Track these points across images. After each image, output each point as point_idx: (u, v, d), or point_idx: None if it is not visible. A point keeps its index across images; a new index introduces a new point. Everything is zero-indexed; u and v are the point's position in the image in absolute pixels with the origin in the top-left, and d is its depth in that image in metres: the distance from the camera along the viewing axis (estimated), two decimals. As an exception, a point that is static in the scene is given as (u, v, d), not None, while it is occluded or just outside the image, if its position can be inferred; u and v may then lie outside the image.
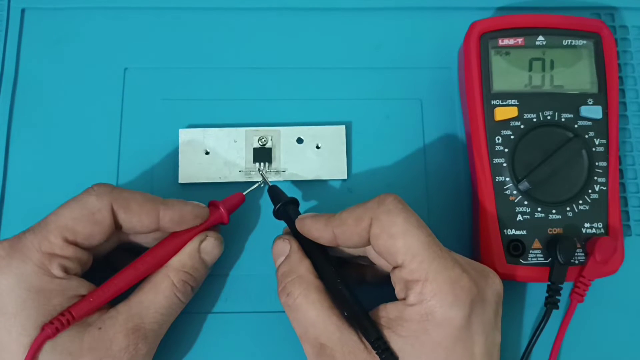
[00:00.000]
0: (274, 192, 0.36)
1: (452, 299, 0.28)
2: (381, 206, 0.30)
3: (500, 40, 0.37)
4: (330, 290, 0.32)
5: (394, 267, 0.31)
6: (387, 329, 0.30)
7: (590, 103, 0.36)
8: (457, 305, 0.28)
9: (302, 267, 0.33)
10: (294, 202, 0.35)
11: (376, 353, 0.29)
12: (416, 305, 0.29)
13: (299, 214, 0.35)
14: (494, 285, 0.31)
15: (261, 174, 0.37)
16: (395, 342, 0.29)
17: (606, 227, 0.35)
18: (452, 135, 0.40)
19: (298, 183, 0.38)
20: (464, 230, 0.38)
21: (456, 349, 0.29)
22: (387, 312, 0.30)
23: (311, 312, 0.31)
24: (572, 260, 0.34)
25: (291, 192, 0.38)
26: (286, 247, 0.34)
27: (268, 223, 0.38)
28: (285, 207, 0.35)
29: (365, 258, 0.34)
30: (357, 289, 0.32)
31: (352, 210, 0.31)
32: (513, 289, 0.37)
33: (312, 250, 0.33)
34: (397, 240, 0.30)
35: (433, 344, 0.29)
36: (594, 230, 0.35)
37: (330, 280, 0.32)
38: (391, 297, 0.31)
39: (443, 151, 0.40)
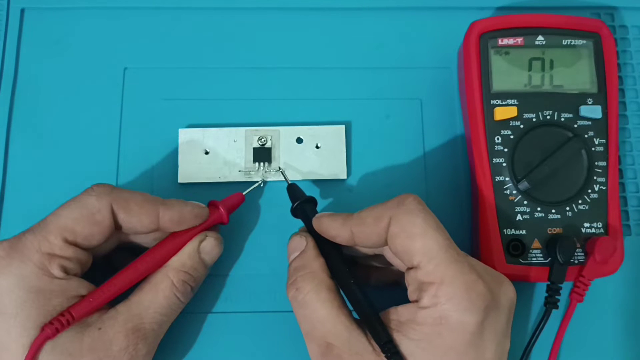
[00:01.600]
0: (293, 190, 0.36)
1: (467, 303, 0.28)
2: (401, 206, 0.30)
3: (499, 40, 0.37)
4: (343, 290, 0.32)
5: (409, 268, 0.30)
6: (397, 332, 0.29)
7: (590, 103, 0.36)
8: (472, 310, 0.28)
9: (316, 263, 0.32)
10: (312, 201, 0.35)
11: (385, 356, 0.29)
12: (430, 308, 0.29)
13: (316, 212, 0.35)
14: (508, 292, 0.30)
15: (282, 172, 0.37)
16: (406, 346, 0.29)
17: (606, 226, 0.35)
18: (452, 135, 0.40)
19: (298, 183, 0.38)
20: (464, 230, 0.38)
21: (468, 354, 0.28)
22: (398, 315, 0.30)
23: (321, 309, 0.31)
24: (572, 260, 0.35)
25: (291, 192, 0.38)
26: (302, 243, 0.34)
27: (268, 223, 0.38)
28: (303, 205, 0.35)
29: (379, 258, 0.33)
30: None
31: (371, 209, 0.31)
32: (513, 288, 0.37)
33: (327, 249, 0.33)
34: (416, 241, 0.29)
35: (445, 348, 0.28)
36: (593, 230, 0.35)
37: (343, 280, 0.32)
38: (396, 301, 0.31)
39: (443, 151, 0.40)
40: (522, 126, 0.36)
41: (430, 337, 0.28)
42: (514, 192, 0.35)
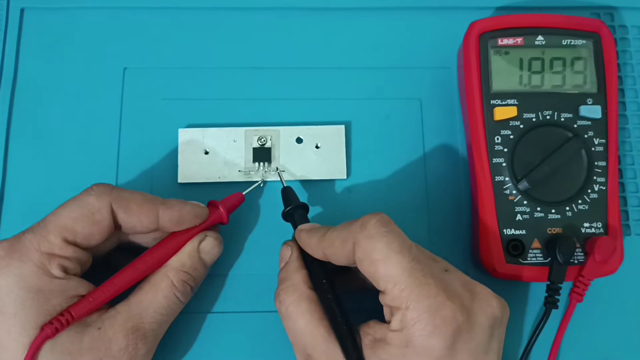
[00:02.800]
0: (286, 194, 0.36)
1: (431, 328, 0.28)
2: (363, 230, 0.30)
3: (499, 40, 0.37)
4: (322, 303, 0.32)
5: (380, 291, 0.30)
6: (369, 349, 0.29)
7: (590, 103, 0.36)
8: (437, 335, 0.28)
9: (298, 276, 0.33)
10: (303, 207, 0.35)
11: None
12: (398, 331, 0.29)
13: (306, 219, 0.35)
14: (489, 308, 0.29)
15: (279, 173, 0.37)
16: None
17: (605, 226, 0.35)
18: (452, 135, 0.40)
19: (297, 183, 0.38)
20: (464, 230, 0.38)
21: None
22: (374, 331, 0.30)
23: (300, 321, 0.31)
24: (572, 260, 0.35)
25: (290, 191, 0.38)
26: (287, 254, 0.34)
27: (267, 223, 0.38)
28: (292, 212, 0.35)
29: None
30: (359, 295, 0.33)
31: (339, 231, 0.31)
32: (512, 288, 0.37)
33: (309, 260, 0.33)
34: (378, 267, 0.29)
35: None
36: (593, 230, 0.35)
37: (322, 293, 0.32)
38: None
39: (442, 151, 0.40)
40: (521, 126, 0.36)
41: (397, 359, 0.28)
42: (514, 192, 0.35)
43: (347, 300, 0.32)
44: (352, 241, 0.30)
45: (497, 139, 0.36)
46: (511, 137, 0.36)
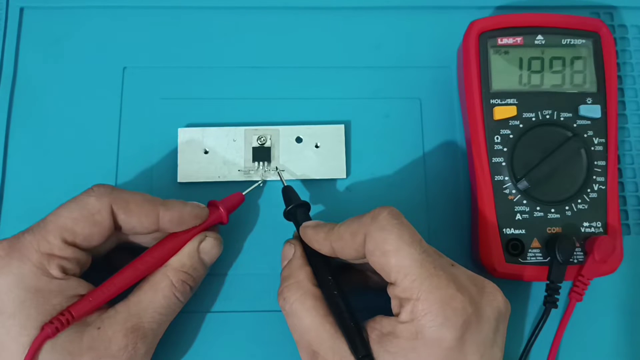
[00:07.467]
0: (287, 193, 0.36)
1: (442, 319, 0.28)
2: (374, 222, 0.30)
3: (499, 40, 0.37)
4: (327, 300, 0.32)
5: (389, 283, 0.30)
6: (377, 343, 0.29)
7: (589, 102, 0.36)
8: (447, 326, 0.28)
9: (302, 273, 0.33)
10: (305, 206, 0.35)
11: None
12: (407, 323, 0.29)
13: (308, 218, 0.35)
14: (494, 302, 0.30)
15: (278, 173, 0.37)
16: (384, 359, 0.29)
17: (605, 226, 0.35)
18: (451, 134, 0.40)
19: (297, 182, 0.38)
20: (463, 230, 0.38)
21: None
22: (381, 326, 0.30)
23: (306, 318, 0.31)
24: (571, 260, 0.35)
25: (290, 191, 0.38)
26: (290, 252, 0.34)
27: (267, 223, 0.38)
28: (295, 210, 0.35)
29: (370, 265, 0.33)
30: (361, 293, 0.32)
31: (348, 224, 0.31)
32: (512, 288, 0.37)
33: (314, 257, 0.33)
34: (390, 258, 0.29)
35: None
36: (592, 230, 0.35)
37: (327, 290, 0.32)
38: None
39: (442, 150, 0.40)
40: (521, 125, 0.36)
41: (406, 352, 0.28)
42: (514, 191, 0.35)
43: (349, 298, 0.32)
44: (363, 233, 0.30)
45: (497, 138, 0.36)
46: (511, 136, 0.36)
